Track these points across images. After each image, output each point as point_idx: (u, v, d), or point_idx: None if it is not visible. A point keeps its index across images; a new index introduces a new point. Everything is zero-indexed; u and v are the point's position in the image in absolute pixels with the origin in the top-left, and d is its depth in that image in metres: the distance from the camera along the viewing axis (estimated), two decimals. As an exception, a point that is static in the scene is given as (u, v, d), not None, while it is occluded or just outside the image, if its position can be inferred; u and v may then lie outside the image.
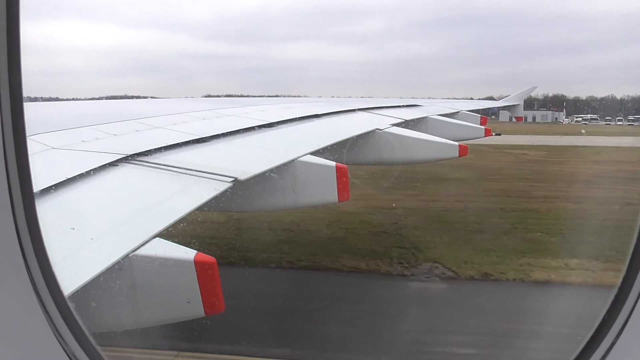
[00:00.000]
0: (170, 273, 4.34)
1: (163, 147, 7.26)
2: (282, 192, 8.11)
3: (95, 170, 5.70)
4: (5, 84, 2.18)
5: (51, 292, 2.51)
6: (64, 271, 2.94)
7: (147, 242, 4.27)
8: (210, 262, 4.36)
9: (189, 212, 5.14)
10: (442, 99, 32.28)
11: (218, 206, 6.40)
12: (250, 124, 10.55)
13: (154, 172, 6.27)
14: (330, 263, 17.70)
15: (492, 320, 13.91)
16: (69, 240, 3.97)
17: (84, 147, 6.83)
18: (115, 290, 4.03)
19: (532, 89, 42.55)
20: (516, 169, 37.42)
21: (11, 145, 2.26)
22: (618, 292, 2.57)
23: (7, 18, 2.13)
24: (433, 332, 13.25)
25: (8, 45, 2.16)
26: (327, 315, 14.28)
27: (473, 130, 20.53)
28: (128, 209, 5.14)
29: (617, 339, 2.48)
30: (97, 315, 3.94)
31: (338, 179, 8.16)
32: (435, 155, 14.64)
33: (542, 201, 26.21)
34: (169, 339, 11.91)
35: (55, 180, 4.94)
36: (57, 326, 2.52)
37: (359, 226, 22.01)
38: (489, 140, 29.36)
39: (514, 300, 15.68)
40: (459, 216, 23.28)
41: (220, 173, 6.43)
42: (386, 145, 13.42)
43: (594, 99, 75.28)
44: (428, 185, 29.21)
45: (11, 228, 2.30)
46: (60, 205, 4.69)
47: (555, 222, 22.26)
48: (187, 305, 4.41)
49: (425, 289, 16.39)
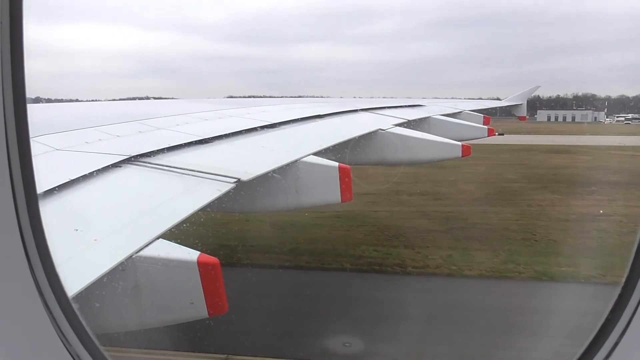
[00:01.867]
0: (173, 274, 4.33)
1: (166, 148, 7.27)
2: (285, 193, 8.10)
3: (98, 171, 5.71)
4: (9, 85, 2.18)
5: (55, 292, 2.51)
6: (68, 272, 2.94)
7: (151, 243, 4.27)
8: (214, 263, 4.35)
9: (192, 213, 5.14)
10: (445, 99, 32.18)
11: (221, 207, 6.40)
12: (253, 125, 10.55)
13: (157, 173, 6.28)
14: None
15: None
16: (72, 241, 3.97)
17: (87, 149, 6.84)
18: (118, 291, 4.04)
19: (534, 88, 42.35)
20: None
21: (15, 146, 2.26)
22: (621, 292, 2.55)
23: (10, 18, 2.13)
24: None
25: (11, 46, 2.16)
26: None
27: (476, 130, 20.45)
28: (131, 210, 5.15)
29: (620, 339, 2.46)
30: (101, 316, 3.95)
31: (341, 180, 8.14)
32: (439, 156, 14.58)
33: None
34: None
35: (59, 182, 4.95)
36: (61, 327, 2.52)
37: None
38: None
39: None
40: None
41: (223, 174, 6.43)
42: (389, 145, 13.38)
43: (626, 97, 73.40)
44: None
45: (15, 229, 2.30)
46: (64, 207, 4.70)
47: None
48: (191, 306, 4.41)
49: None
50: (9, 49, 2.15)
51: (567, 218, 25.18)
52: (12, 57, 2.17)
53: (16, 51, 2.18)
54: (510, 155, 45.99)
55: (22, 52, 2.20)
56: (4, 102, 2.17)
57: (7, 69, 2.16)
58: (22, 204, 2.33)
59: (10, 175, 2.25)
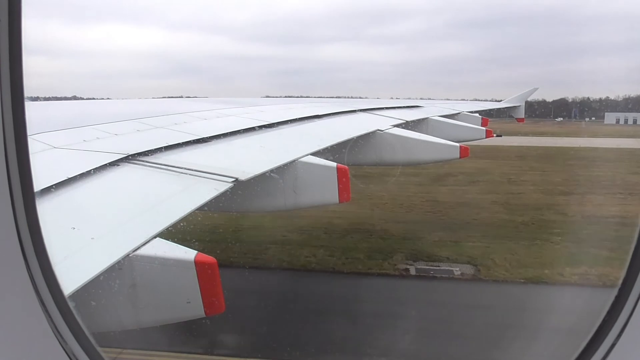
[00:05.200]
0: (170, 273, 4.33)
1: (164, 147, 7.26)
2: (283, 193, 8.10)
3: (96, 169, 5.71)
4: (7, 83, 2.18)
5: (51, 291, 2.51)
6: (64, 270, 2.94)
7: (148, 242, 4.27)
8: (211, 262, 4.35)
9: (190, 212, 5.14)
10: (443, 100, 32.26)
11: (218, 206, 6.39)
12: (251, 125, 10.55)
13: (155, 172, 6.27)
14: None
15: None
16: (69, 240, 3.97)
17: (85, 147, 6.83)
18: (115, 290, 4.03)
19: (533, 90, 42.34)
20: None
21: (12, 144, 2.25)
22: (618, 292, 2.55)
23: (8, 15, 2.13)
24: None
25: (10, 43, 2.16)
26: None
27: (474, 131, 20.48)
28: (129, 209, 5.14)
29: (618, 340, 2.47)
30: (97, 315, 3.94)
31: (339, 180, 8.15)
32: (436, 157, 14.61)
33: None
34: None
35: (56, 180, 4.94)
36: (57, 325, 2.52)
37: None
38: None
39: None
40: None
41: (221, 173, 6.43)
42: (387, 146, 13.40)
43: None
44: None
45: (12, 227, 2.30)
46: (61, 205, 4.69)
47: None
48: (187, 306, 4.41)
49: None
50: (7, 47, 2.15)
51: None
52: (11, 55, 2.17)
53: (15, 49, 2.18)
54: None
55: (20, 50, 2.20)
56: (2, 100, 2.17)
57: (6, 67, 2.16)
58: (20, 202, 2.33)
59: (8, 173, 2.25)
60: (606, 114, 53.59)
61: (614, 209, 25.54)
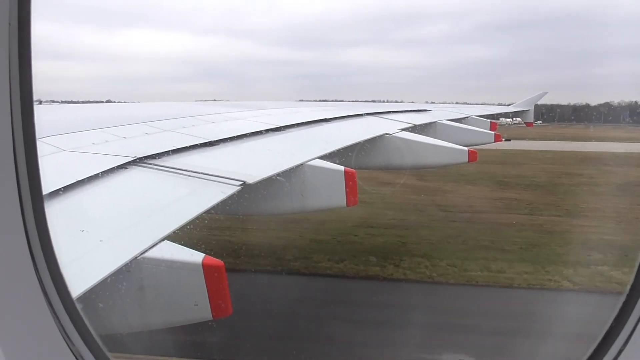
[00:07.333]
0: (178, 276, 4.34)
1: (172, 150, 7.29)
2: (290, 196, 8.10)
3: (104, 172, 5.73)
4: (16, 86, 2.19)
5: (59, 293, 2.51)
6: (73, 273, 2.95)
7: (156, 244, 4.28)
8: (218, 265, 4.35)
9: (198, 215, 5.15)
10: (453, 104, 32.17)
11: (226, 209, 6.40)
12: (259, 128, 10.57)
13: (163, 175, 6.29)
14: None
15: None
16: (78, 242, 3.98)
17: (94, 150, 6.87)
18: (123, 292, 4.04)
19: (542, 94, 42.11)
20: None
21: (21, 147, 2.26)
22: (626, 298, 2.52)
23: (18, 18, 2.14)
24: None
25: (19, 46, 2.16)
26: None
27: (482, 135, 20.42)
28: (137, 212, 5.16)
29: (625, 346, 2.44)
30: (105, 317, 3.95)
31: (346, 184, 8.14)
32: (445, 161, 14.56)
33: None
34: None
35: (65, 183, 4.96)
36: (65, 327, 2.52)
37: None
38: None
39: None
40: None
41: (229, 177, 6.44)
42: (395, 150, 13.37)
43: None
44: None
45: (20, 230, 2.30)
46: (70, 208, 4.72)
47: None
48: (195, 309, 4.41)
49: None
50: (17, 50, 2.16)
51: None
52: (20, 58, 2.18)
53: (24, 52, 2.19)
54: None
55: (29, 53, 2.21)
56: (11, 103, 2.18)
57: (15, 70, 2.17)
58: (28, 205, 2.34)
59: (17, 175, 2.26)
60: (623, 114, 51.43)
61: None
